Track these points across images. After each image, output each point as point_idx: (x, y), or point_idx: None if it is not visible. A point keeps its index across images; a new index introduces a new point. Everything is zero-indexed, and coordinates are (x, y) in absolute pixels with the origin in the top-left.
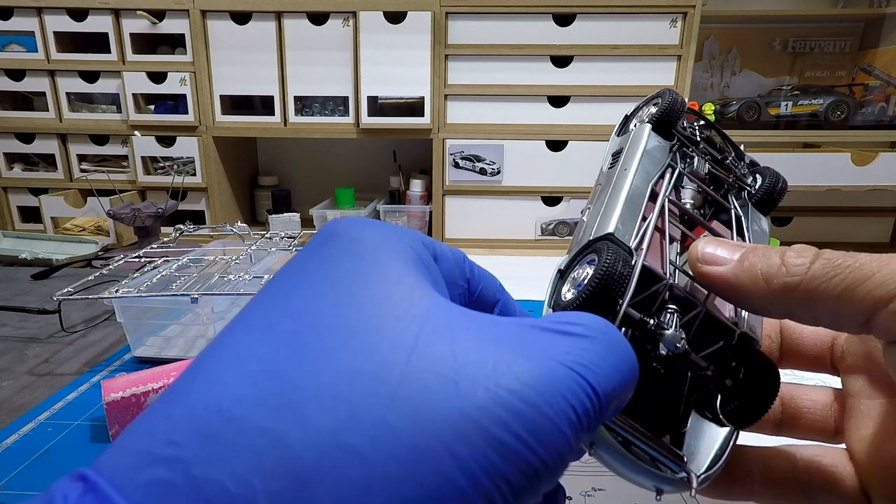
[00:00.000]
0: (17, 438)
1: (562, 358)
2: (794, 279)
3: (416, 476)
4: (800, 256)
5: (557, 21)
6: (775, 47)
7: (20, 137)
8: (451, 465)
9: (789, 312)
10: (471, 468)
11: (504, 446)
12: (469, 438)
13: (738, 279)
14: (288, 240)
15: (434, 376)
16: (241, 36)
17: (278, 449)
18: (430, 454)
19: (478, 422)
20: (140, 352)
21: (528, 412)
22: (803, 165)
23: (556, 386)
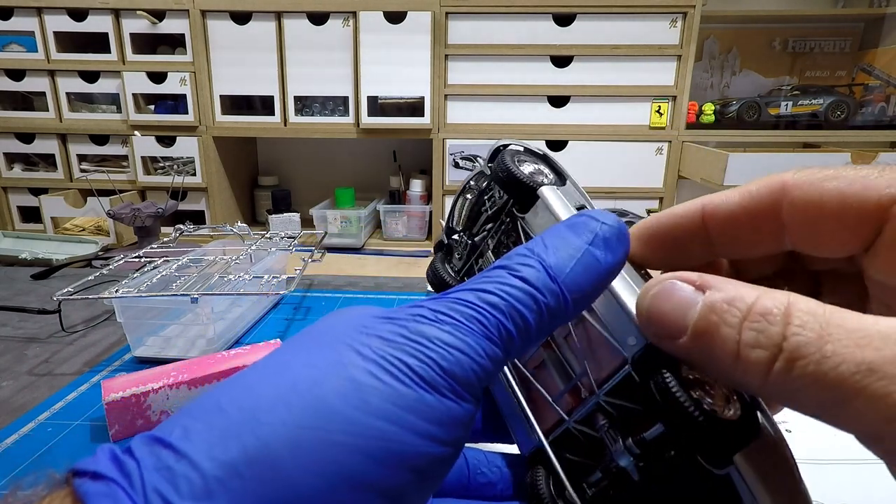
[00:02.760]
0: (17, 438)
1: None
2: (755, 379)
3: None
4: (758, 347)
5: (557, 21)
6: (775, 47)
7: (20, 137)
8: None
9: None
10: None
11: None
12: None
13: (695, 359)
14: (288, 240)
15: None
16: (241, 36)
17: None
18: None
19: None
20: (140, 352)
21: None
22: (803, 165)
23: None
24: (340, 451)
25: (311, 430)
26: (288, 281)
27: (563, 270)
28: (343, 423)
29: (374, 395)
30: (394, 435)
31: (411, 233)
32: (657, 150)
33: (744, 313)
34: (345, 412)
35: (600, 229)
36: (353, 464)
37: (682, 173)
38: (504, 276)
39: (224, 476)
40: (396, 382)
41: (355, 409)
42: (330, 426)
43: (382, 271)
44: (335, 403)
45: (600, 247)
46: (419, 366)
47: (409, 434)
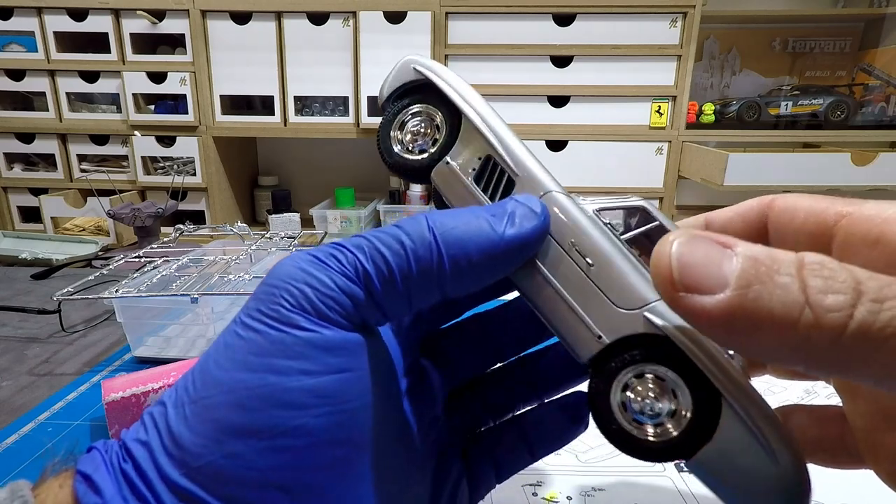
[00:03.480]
0: (17, 438)
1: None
2: (828, 335)
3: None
4: (833, 292)
5: (557, 21)
6: (775, 47)
7: (20, 137)
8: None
9: (826, 368)
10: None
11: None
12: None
13: (733, 322)
14: (288, 240)
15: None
16: (241, 36)
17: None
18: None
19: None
20: (140, 352)
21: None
22: (803, 165)
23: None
24: (218, 410)
25: (199, 400)
26: None
27: (446, 226)
28: (217, 385)
29: (237, 351)
30: (257, 380)
31: None
32: (657, 150)
33: (797, 263)
34: (217, 375)
35: (511, 206)
36: (230, 417)
37: (682, 173)
38: (386, 227)
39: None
40: (252, 333)
41: (225, 370)
42: (211, 391)
43: None
44: (213, 371)
45: (501, 218)
46: (270, 308)
47: (270, 375)
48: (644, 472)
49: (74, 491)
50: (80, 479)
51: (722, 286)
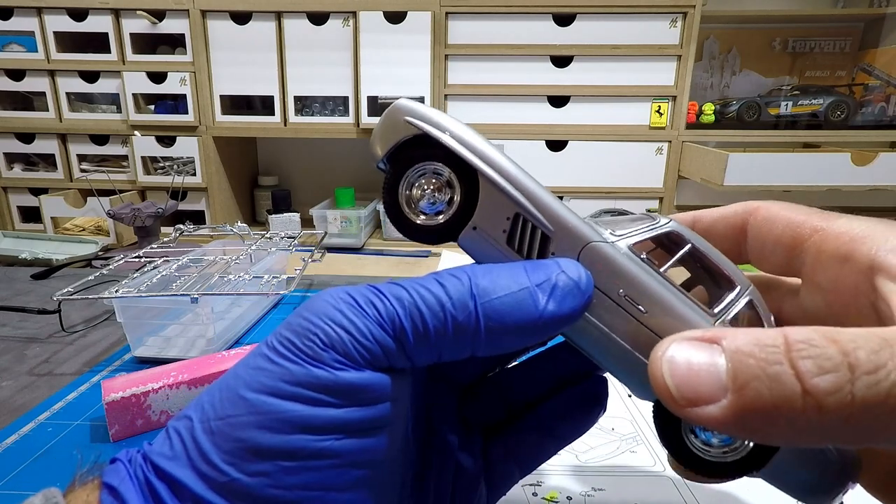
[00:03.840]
0: (17, 438)
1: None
2: (836, 417)
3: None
4: (824, 372)
5: (557, 21)
6: (775, 47)
7: (20, 137)
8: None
9: (848, 442)
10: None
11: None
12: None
13: (744, 424)
14: (288, 240)
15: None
16: (241, 36)
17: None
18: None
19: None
20: (140, 352)
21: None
22: (803, 165)
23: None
24: (247, 430)
25: (226, 419)
26: (288, 281)
27: (489, 295)
28: (246, 406)
29: (266, 376)
30: (287, 406)
31: None
32: (657, 150)
33: (784, 347)
34: (247, 397)
35: (557, 277)
36: (258, 438)
37: (682, 173)
38: (427, 279)
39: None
40: (285, 361)
41: (255, 392)
42: (240, 411)
43: (382, 271)
44: (242, 392)
45: (546, 291)
46: (305, 344)
47: (295, 402)
48: (644, 472)
49: (101, 502)
50: (105, 491)
51: (721, 392)
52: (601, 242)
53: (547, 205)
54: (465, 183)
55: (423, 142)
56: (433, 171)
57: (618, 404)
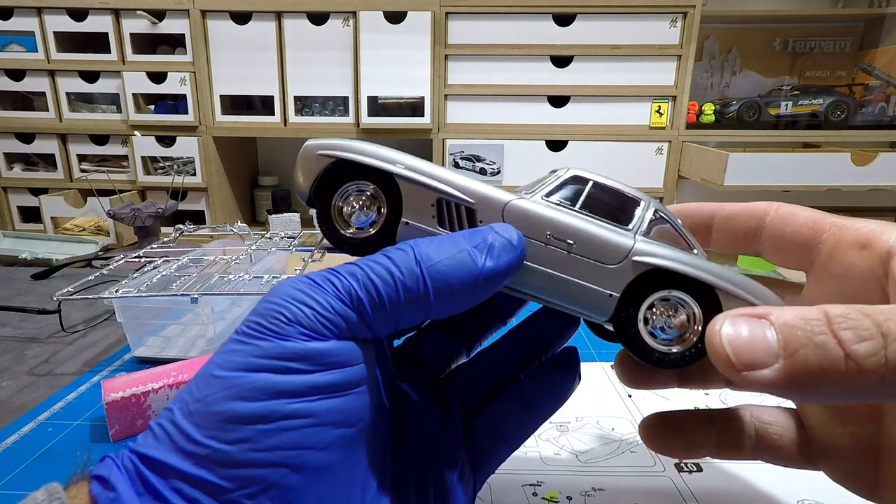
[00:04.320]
0: (17, 438)
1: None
2: (873, 377)
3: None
4: (862, 340)
5: (557, 21)
6: (775, 47)
7: (20, 137)
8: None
9: (870, 400)
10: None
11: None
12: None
13: (795, 384)
14: (288, 240)
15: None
16: (241, 36)
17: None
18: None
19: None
20: (140, 352)
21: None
22: (803, 165)
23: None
24: (222, 404)
25: (203, 398)
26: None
27: (432, 259)
28: (220, 382)
29: (238, 355)
30: (254, 376)
31: None
32: (657, 150)
33: (825, 320)
34: (220, 375)
35: (491, 237)
36: (234, 408)
37: (682, 173)
38: (377, 255)
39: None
40: (254, 340)
41: (226, 370)
42: (214, 389)
43: None
44: (215, 372)
45: (482, 251)
46: (270, 322)
47: (267, 372)
48: (644, 473)
49: (90, 491)
50: (95, 482)
51: (773, 358)
52: (517, 199)
53: (460, 183)
54: (386, 189)
55: (340, 167)
56: (356, 189)
57: (618, 404)
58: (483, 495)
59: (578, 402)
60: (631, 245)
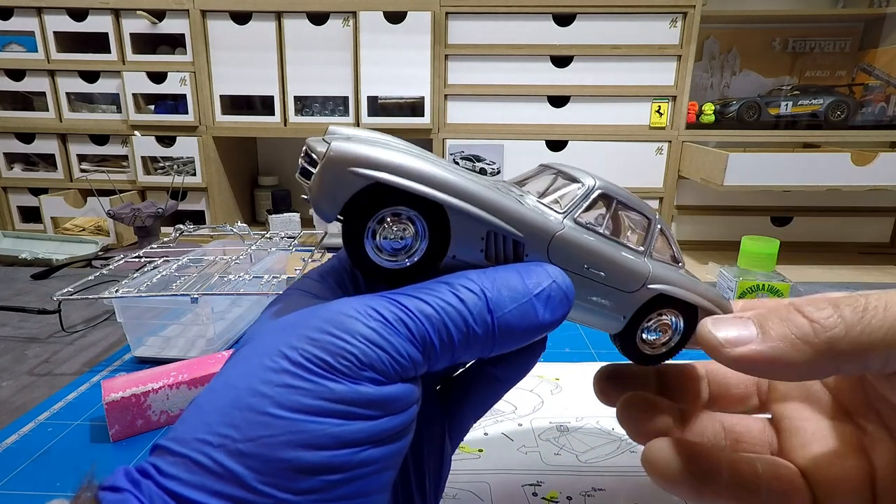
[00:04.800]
0: (17, 438)
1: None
2: (836, 331)
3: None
4: (820, 310)
5: (557, 21)
6: (775, 47)
7: (20, 137)
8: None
9: (838, 368)
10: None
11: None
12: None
13: (776, 352)
14: (288, 240)
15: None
16: (241, 36)
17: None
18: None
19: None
20: (140, 352)
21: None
22: (803, 165)
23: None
24: (287, 450)
25: (258, 439)
26: (288, 281)
27: (502, 309)
28: (281, 426)
29: (303, 394)
30: (327, 423)
31: None
32: (657, 150)
33: (789, 306)
34: (280, 415)
35: (549, 286)
36: (302, 457)
37: (682, 173)
38: (444, 293)
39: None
40: (323, 380)
41: (292, 411)
42: (274, 431)
43: None
44: (273, 411)
45: (543, 302)
46: (340, 362)
47: (338, 418)
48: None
49: None
50: None
51: (753, 335)
52: (562, 231)
53: (511, 213)
54: (432, 218)
55: (379, 189)
56: (394, 212)
57: None
58: (483, 495)
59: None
60: (647, 273)
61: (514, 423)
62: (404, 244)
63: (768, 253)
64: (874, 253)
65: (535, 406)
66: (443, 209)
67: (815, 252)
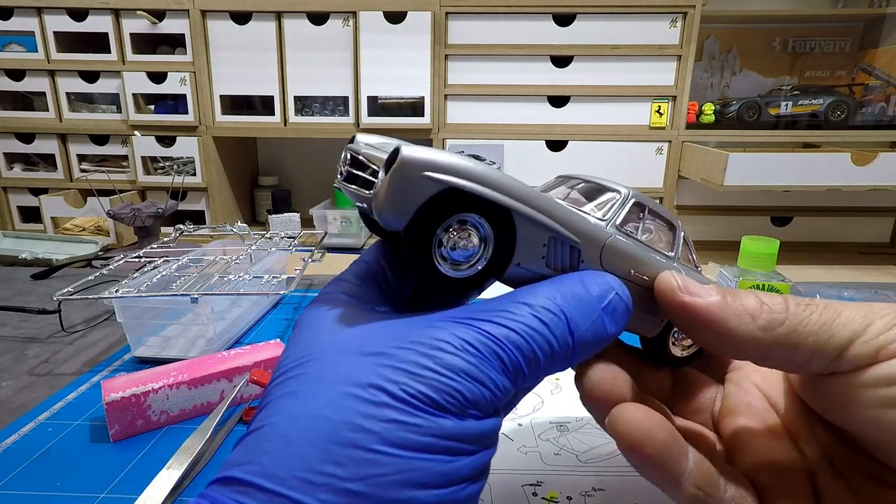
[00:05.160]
0: (17, 438)
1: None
2: (779, 316)
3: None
4: (773, 298)
5: (557, 21)
6: (775, 47)
7: (20, 137)
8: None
9: (767, 352)
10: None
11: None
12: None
13: (724, 314)
14: (288, 240)
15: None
16: (241, 36)
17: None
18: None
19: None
20: (140, 352)
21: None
22: (803, 165)
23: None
24: (398, 488)
25: (370, 478)
26: (288, 281)
27: (580, 328)
28: (395, 463)
29: (413, 431)
30: (438, 460)
31: None
32: (657, 150)
33: (750, 290)
34: (394, 454)
35: (613, 298)
36: (412, 495)
37: (682, 173)
38: (526, 316)
39: None
40: (432, 416)
41: (402, 449)
42: (384, 470)
43: None
44: (383, 448)
45: (610, 316)
46: (447, 400)
47: (444, 456)
48: None
49: None
50: None
51: (710, 293)
52: (611, 238)
53: (571, 220)
54: (499, 225)
55: (450, 195)
56: (460, 219)
57: None
58: (483, 495)
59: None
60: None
61: (514, 423)
62: (470, 252)
63: (768, 253)
64: (874, 253)
65: (535, 406)
66: (511, 215)
67: (815, 252)
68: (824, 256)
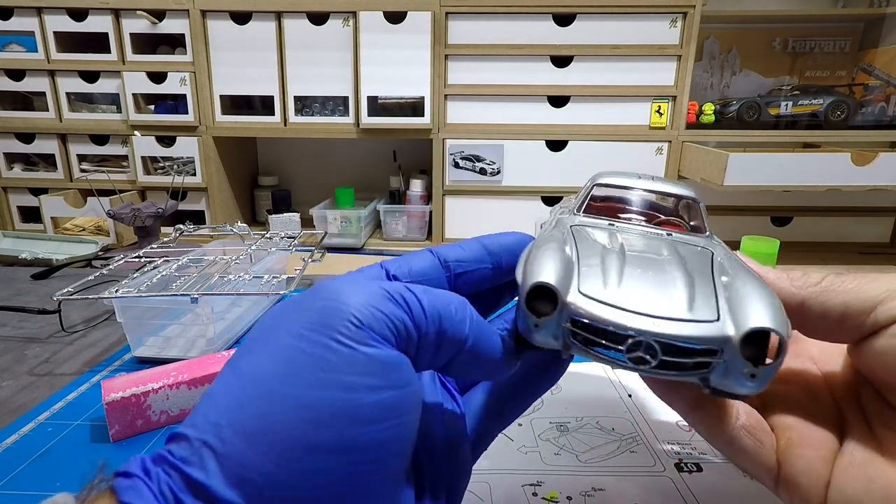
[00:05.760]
0: (17, 438)
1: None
2: (816, 277)
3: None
4: (801, 274)
5: (557, 21)
6: (775, 47)
7: (20, 137)
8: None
9: (801, 307)
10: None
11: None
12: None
13: (767, 276)
14: (288, 240)
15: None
16: (241, 36)
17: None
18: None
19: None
20: (140, 352)
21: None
22: (803, 165)
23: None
24: (293, 427)
25: (265, 417)
26: (288, 281)
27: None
28: (287, 401)
29: (304, 368)
30: (330, 396)
31: (411, 233)
32: (657, 150)
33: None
34: (285, 392)
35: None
36: (308, 434)
37: (682, 173)
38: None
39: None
40: (319, 349)
41: (293, 386)
42: (279, 408)
43: None
44: (277, 388)
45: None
46: (342, 325)
47: (341, 391)
48: (644, 473)
49: None
50: None
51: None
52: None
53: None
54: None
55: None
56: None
57: (618, 404)
58: (483, 495)
59: (578, 402)
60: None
61: (514, 423)
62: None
63: (768, 253)
64: (874, 253)
65: (535, 406)
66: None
67: (815, 252)
68: (824, 256)
